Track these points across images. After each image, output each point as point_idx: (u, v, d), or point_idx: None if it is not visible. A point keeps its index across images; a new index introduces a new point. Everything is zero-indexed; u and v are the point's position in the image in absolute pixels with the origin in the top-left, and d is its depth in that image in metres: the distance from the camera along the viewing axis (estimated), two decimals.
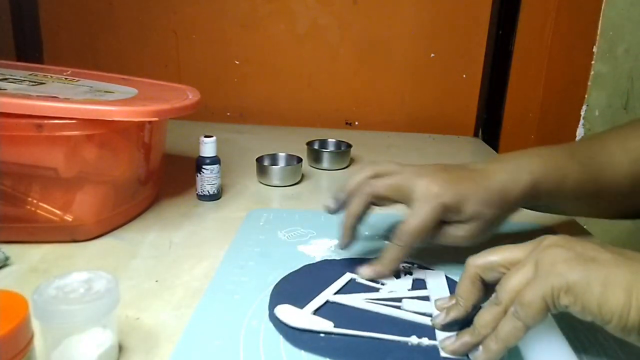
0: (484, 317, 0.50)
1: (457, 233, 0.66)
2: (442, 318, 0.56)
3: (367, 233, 0.80)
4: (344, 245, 0.70)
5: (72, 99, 0.75)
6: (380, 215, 0.86)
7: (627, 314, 0.43)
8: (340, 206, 0.70)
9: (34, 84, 0.83)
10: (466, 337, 0.51)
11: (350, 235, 0.69)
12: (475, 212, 0.64)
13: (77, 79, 0.93)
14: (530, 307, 0.46)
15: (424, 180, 0.64)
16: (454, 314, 0.55)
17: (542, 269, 0.47)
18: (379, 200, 0.67)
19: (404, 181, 0.65)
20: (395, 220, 0.74)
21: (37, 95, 0.73)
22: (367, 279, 0.66)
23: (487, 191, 0.65)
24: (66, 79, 0.91)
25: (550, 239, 0.51)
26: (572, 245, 0.48)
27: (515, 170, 0.67)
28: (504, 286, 0.49)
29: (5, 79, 0.84)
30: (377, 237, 0.79)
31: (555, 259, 0.47)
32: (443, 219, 0.65)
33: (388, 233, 0.71)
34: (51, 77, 0.91)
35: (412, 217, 0.63)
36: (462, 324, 0.55)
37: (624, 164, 0.73)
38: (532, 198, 0.68)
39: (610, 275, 0.44)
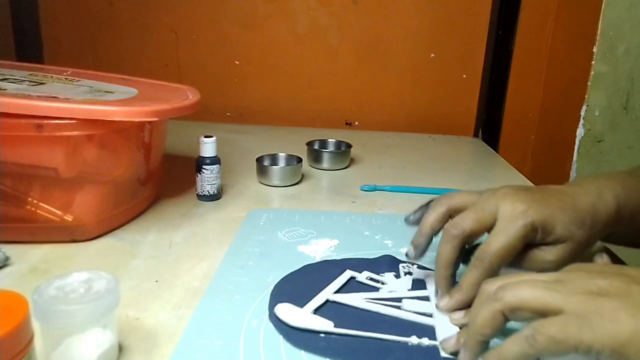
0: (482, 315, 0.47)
1: (546, 257, 0.59)
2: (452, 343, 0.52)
3: (367, 233, 0.80)
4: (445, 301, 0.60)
5: (72, 99, 0.75)
6: (382, 216, 0.86)
7: None
8: (421, 252, 0.64)
9: (34, 84, 0.83)
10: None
11: (447, 285, 0.60)
12: (567, 232, 0.58)
13: (77, 79, 0.93)
14: (550, 342, 0.41)
15: (508, 199, 0.59)
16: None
17: (581, 313, 0.42)
18: (469, 239, 0.59)
19: (487, 207, 0.59)
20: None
21: (37, 95, 0.73)
22: (446, 310, 0.59)
23: (576, 211, 0.59)
24: (66, 79, 0.91)
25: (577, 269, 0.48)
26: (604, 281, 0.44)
27: (599, 191, 0.62)
28: (519, 295, 0.45)
29: (5, 79, 0.84)
30: (377, 237, 0.79)
31: (601, 309, 0.42)
32: (530, 241, 0.58)
33: (468, 256, 0.62)
34: (51, 77, 0.91)
35: (497, 236, 0.57)
36: None
37: None
38: (617, 223, 0.62)
39: None
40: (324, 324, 0.55)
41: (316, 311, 0.58)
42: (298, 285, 0.64)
